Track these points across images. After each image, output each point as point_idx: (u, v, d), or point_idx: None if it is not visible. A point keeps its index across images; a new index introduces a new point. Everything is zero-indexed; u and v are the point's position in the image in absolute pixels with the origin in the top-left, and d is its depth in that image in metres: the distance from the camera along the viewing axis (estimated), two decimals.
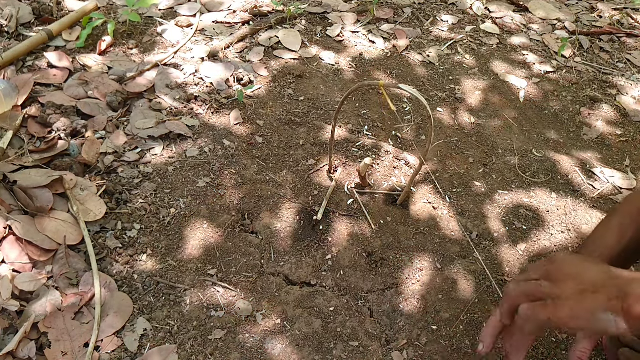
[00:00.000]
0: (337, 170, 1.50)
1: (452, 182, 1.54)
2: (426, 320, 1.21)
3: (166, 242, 1.27)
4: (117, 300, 1.14)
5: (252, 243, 1.30)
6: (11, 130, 1.38)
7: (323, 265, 1.28)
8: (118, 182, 1.36)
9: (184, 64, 1.74)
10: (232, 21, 1.99)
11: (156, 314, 1.14)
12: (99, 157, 1.40)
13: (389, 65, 1.94)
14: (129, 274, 1.20)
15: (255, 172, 1.45)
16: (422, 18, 2.27)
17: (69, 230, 1.21)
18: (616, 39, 2.33)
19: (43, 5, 1.83)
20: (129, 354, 1.07)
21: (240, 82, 1.72)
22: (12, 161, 1.31)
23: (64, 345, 1.05)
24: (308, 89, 1.75)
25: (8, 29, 1.72)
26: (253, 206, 1.37)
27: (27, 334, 1.05)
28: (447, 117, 1.77)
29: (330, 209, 1.40)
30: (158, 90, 1.63)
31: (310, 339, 1.15)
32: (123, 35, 1.82)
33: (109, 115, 1.52)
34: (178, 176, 1.41)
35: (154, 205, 1.33)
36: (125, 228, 1.27)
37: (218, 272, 1.24)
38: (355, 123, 1.66)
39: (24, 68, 1.62)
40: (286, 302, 1.20)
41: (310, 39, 1.98)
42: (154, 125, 1.51)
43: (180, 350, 1.09)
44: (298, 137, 1.58)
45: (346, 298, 1.23)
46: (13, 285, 1.09)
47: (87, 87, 1.58)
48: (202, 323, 1.14)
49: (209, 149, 1.49)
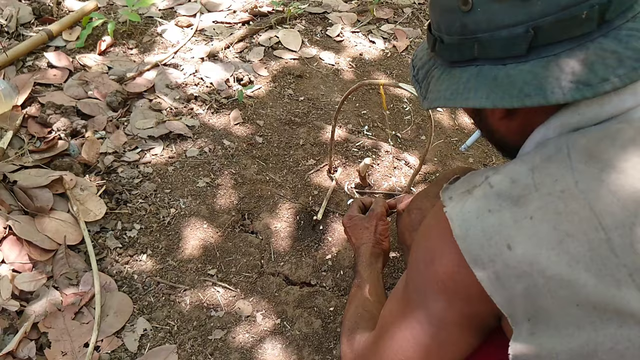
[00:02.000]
0: (337, 170, 1.50)
1: None
2: None
3: (166, 242, 1.27)
4: (117, 300, 1.14)
5: (252, 243, 1.30)
6: (11, 130, 1.38)
7: (323, 265, 1.28)
8: (118, 182, 1.36)
9: (184, 64, 1.74)
10: (232, 21, 1.99)
11: (156, 314, 1.14)
12: (99, 157, 1.40)
13: (388, 65, 1.94)
14: (129, 274, 1.20)
15: (255, 172, 1.45)
16: (422, 18, 2.27)
17: (68, 230, 1.21)
18: None
19: (43, 5, 1.83)
20: (129, 354, 1.07)
21: (240, 82, 1.72)
22: (12, 161, 1.31)
23: (64, 345, 1.05)
24: (308, 89, 1.75)
25: (8, 29, 1.72)
26: (253, 206, 1.37)
27: (27, 334, 1.05)
28: (447, 117, 1.77)
29: (330, 209, 1.40)
30: (158, 90, 1.63)
31: (310, 339, 1.15)
32: (123, 35, 1.83)
33: (109, 115, 1.52)
34: (178, 176, 1.41)
35: (154, 205, 1.33)
36: (125, 228, 1.27)
37: (218, 272, 1.24)
38: (355, 123, 1.66)
39: (24, 68, 1.62)
40: (286, 302, 1.20)
41: (310, 39, 1.98)
42: (154, 125, 1.51)
43: (180, 350, 1.09)
44: (298, 137, 1.58)
45: (346, 298, 1.23)
46: (13, 285, 1.09)
47: (87, 87, 1.58)
48: (202, 323, 1.14)
49: (208, 149, 1.49)
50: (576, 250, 0.55)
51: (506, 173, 0.62)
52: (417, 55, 0.80)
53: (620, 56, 0.57)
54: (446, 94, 0.66)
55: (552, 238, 0.56)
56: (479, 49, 0.62)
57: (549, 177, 0.58)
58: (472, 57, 0.64)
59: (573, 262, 0.55)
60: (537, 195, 0.58)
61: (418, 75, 0.76)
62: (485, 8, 0.60)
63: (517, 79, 0.60)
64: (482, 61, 0.63)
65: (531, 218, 0.57)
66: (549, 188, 0.58)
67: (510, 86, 0.60)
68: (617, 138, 0.58)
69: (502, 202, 0.59)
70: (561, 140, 0.61)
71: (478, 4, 0.61)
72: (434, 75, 0.71)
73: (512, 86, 0.60)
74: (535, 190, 0.58)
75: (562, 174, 0.58)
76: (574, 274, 0.55)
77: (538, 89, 0.58)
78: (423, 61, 0.76)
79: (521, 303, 0.58)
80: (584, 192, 0.56)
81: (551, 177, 0.58)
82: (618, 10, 0.58)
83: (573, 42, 0.59)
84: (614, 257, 0.54)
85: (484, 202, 0.61)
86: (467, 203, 0.62)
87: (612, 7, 0.58)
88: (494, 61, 0.62)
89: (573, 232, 0.55)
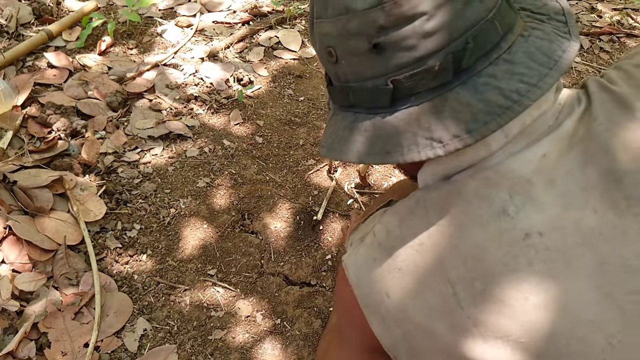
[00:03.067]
0: (337, 170, 1.50)
1: None
2: None
3: (166, 242, 1.27)
4: (116, 300, 1.14)
5: (252, 243, 1.30)
6: (11, 130, 1.38)
7: (323, 265, 1.28)
8: (118, 182, 1.36)
9: (184, 64, 1.74)
10: (231, 21, 1.99)
11: (156, 314, 1.14)
12: (99, 157, 1.40)
13: None
14: (129, 274, 1.20)
15: (255, 172, 1.45)
16: None
17: (68, 230, 1.21)
18: (616, 39, 2.33)
19: (43, 5, 1.83)
20: (129, 354, 1.07)
21: (240, 82, 1.72)
22: (12, 161, 1.31)
23: (64, 345, 1.05)
24: (308, 89, 1.75)
25: (8, 29, 1.72)
26: (253, 206, 1.37)
27: (27, 334, 1.05)
28: None
29: (330, 209, 1.40)
30: (158, 90, 1.63)
31: (310, 339, 1.15)
32: (123, 35, 1.83)
33: (109, 115, 1.52)
34: (178, 176, 1.41)
35: (154, 205, 1.33)
36: (125, 228, 1.27)
37: (218, 272, 1.23)
38: None
39: (24, 68, 1.62)
40: (286, 302, 1.20)
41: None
42: (153, 125, 1.51)
43: (180, 350, 1.09)
44: (298, 137, 1.58)
45: None
46: (13, 285, 1.09)
47: (87, 87, 1.58)
48: (202, 323, 1.14)
49: (208, 149, 1.49)
50: (433, 302, 0.58)
51: (384, 223, 0.66)
52: None
53: (472, 109, 0.56)
54: (328, 143, 0.67)
55: (413, 289, 0.60)
56: (353, 97, 0.64)
57: (411, 230, 0.62)
58: (350, 104, 0.65)
59: (432, 313, 0.58)
60: (402, 248, 0.61)
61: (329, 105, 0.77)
62: (348, 61, 0.61)
63: (381, 133, 0.61)
64: (359, 108, 0.64)
65: (399, 269, 0.61)
66: (411, 241, 0.61)
67: (375, 142, 0.61)
68: (462, 191, 0.60)
69: (381, 251, 0.63)
70: (420, 194, 0.64)
71: (341, 57, 0.62)
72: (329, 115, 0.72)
73: (376, 142, 0.61)
74: (401, 242, 0.62)
75: (421, 228, 0.61)
76: (432, 324, 0.58)
77: (397, 145, 0.59)
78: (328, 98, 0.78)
79: (403, 346, 0.62)
80: (435, 246, 0.59)
81: (412, 230, 0.62)
82: (476, 55, 0.57)
83: (433, 92, 0.58)
84: (459, 309, 0.57)
85: (371, 251, 0.65)
86: (360, 251, 0.67)
87: (468, 53, 0.56)
88: (368, 110, 0.63)
89: (429, 284, 0.59)
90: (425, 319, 0.59)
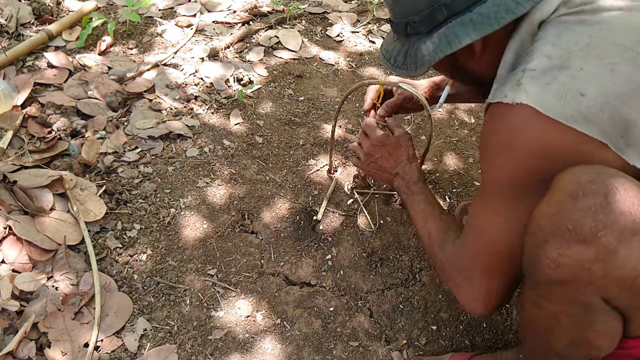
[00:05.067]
0: (337, 170, 1.50)
1: (452, 182, 1.54)
2: (426, 320, 1.21)
3: (166, 242, 1.27)
4: (116, 300, 1.14)
5: (252, 243, 1.30)
6: (11, 130, 1.38)
7: (323, 265, 1.28)
8: (118, 182, 1.36)
9: (184, 64, 1.74)
10: (231, 21, 1.99)
11: (156, 314, 1.14)
12: (99, 157, 1.40)
13: None
14: (129, 274, 1.20)
15: (255, 172, 1.46)
16: None
17: (68, 230, 1.21)
18: None
19: (43, 5, 1.83)
20: (129, 354, 1.07)
21: (240, 82, 1.72)
22: (12, 161, 1.31)
23: (64, 345, 1.05)
24: (308, 89, 1.75)
25: (8, 29, 1.72)
26: (253, 206, 1.37)
27: (27, 334, 1.05)
28: (447, 117, 1.77)
29: (330, 209, 1.40)
30: (158, 90, 1.63)
31: (310, 339, 1.15)
32: (123, 35, 1.83)
33: (109, 115, 1.52)
34: (178, 176, 1.41)
35: (154, 205, 1.33)
36: (125, 228, 1.27)
37: (218, 272, 1.24)
38: (355, 123, 1.66)
39: (24, 68, 1.62)
40: (286, 302, 1.20)
41: (310, 39, 1.98)
42: (153, 125, 1.51)
43: (180, 350, 1.09)
44: (298, 137, 1.58)
45: (346, 298, 1.23)
46: (13, 285, 1.09)
47: (87, 87, 1.58)
48: (202, 323, 1.14)
49: (208, 149, 1.49)
50: (624, 69, 0.72)
51: (536, 58, 0.76)
52: (386, 50, 0.97)
53: None
54: (436, 50, 0.84)
55: (605, 71, 0.72)
56: (447, 10, 0.83)
57: (570, 43, 0.75)
58: (444, 19, 0.84)
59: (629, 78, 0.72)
60: (573, 55, 0.74)
61: (397, 61, 0.93)
62: None
63: (487, 12, 0.80)
64: (452, 18, 0.83)
65: (582, 69, 0.73)
66: (578, 46, 0.75)
67: (487, 18, 0.80)
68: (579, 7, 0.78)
69: (552, 73, 0.74)
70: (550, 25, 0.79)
71: None
72: (414, 49, 0.88)
73: (488, 18, 0.80)
74: (569, 53, 0.74)
75: (576, 37, 0.76)
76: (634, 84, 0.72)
77: (506, 11, 0.79)
78: (397, 50, 0.93)
79: (610, 128, 0.72)
80: (600, 38, 0.75)
81: (571, 42, 0.75)
82: None
83: None
84: None
85: (539, 81, 0.74)
86: (527, 89, 0.74)
87: None
88: (461, 13, 0.82)
89: (615, 61, 0.73)
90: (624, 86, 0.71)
